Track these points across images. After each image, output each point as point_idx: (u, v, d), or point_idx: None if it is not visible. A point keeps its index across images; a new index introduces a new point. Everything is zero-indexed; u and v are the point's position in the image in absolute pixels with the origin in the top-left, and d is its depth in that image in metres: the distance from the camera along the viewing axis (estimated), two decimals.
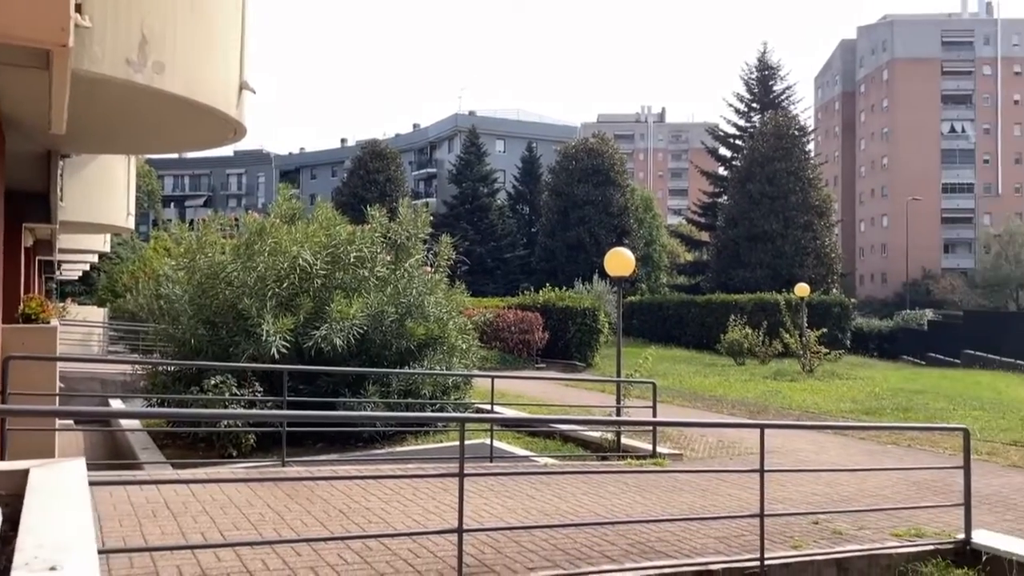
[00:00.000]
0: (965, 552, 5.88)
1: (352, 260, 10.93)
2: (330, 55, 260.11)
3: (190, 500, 6.22)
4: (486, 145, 58.80)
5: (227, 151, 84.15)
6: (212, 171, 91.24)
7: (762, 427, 5.63)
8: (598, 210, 42.77)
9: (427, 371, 10.61)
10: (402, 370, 10.44)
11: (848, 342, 31.86)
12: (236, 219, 14.01)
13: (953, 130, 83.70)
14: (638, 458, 9.23)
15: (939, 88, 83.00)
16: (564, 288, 28.17)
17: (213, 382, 9.49)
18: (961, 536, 5.99)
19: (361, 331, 10.30)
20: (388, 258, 11.51)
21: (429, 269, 11.89)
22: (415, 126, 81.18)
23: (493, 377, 10.74)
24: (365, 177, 51.26)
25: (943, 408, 14.78)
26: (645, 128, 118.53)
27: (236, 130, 6.95)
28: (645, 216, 51.32)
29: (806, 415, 14.19)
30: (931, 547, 5.88)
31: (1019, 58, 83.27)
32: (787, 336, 23.79)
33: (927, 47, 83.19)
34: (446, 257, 12.17)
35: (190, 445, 9.80)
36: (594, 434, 10.24)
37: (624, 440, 9.99)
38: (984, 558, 5.71)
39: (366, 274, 10.98)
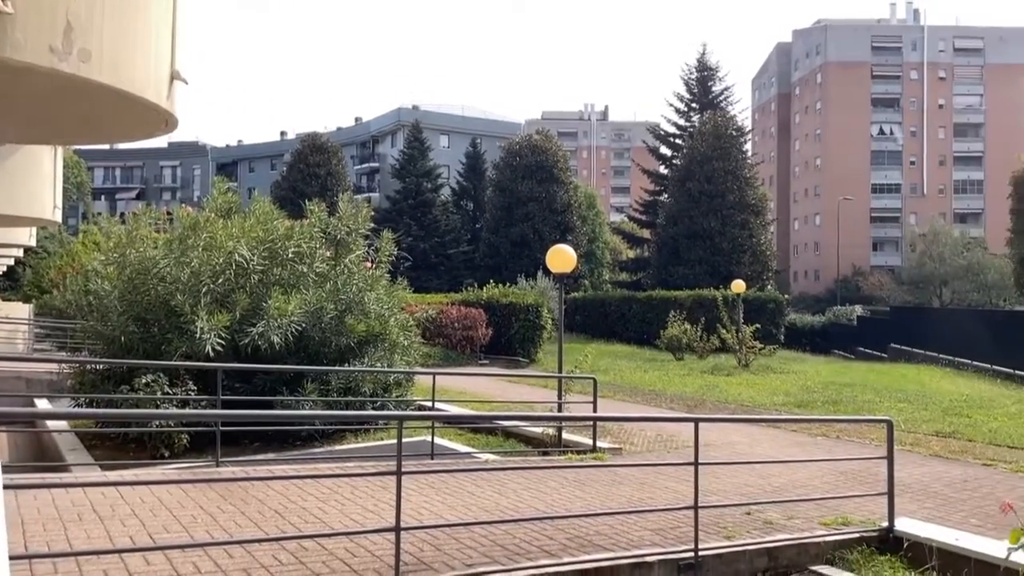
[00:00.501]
0: (889, 539, 6.12)
1: (290, 256, 10.73)
2: (271, 45, 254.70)
3: (119, 503, 6.03)
4: (430, 140, 58.43)
5: (161, 142, 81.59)
6: (145, 163, 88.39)
7: (696, 421, 5.76)
8: (542, 207, 42.98)
9: (367, 368, 10.51)
10: (342, 368, 10.31)
11: (782, 337, 32.80)
12: (169, 213, 13.61)
13: (882, 132, 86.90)
14: (579, 453, 9.33)
15: (869, 91, 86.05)
16: (508, 284, 28.25)
17: (144, 381, 9.20)
18: (885, 524, 6.23)
19: (299, 328, 10.12)
20: (328, 254, 11.34)
21: (370, 265, 11.77)
22: (357, 120, 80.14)
23: (435, 374, 10.70)
24: (305, 171, 50.36)
25: (870, 400, 15.35)
26: (588, 126, 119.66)
27: (168, 121, 6.72)
28: (588, 213, 51.78)
29: (741, 408, 14.56)
30: (857, 535, 6.10)
31: (944, 64, 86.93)
32: (724, 331, 24.37)
33: (858, 52, 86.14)
34: (388, 253, 12.06)
35: (120, 446, 9.49)
36: (536, 430, 10.31)
37: (565, 435, 10.09)
38: (906, 544, 5.95)
39: (305, 270, 10.80)
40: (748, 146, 48.36)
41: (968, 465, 9.36)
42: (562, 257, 10.41)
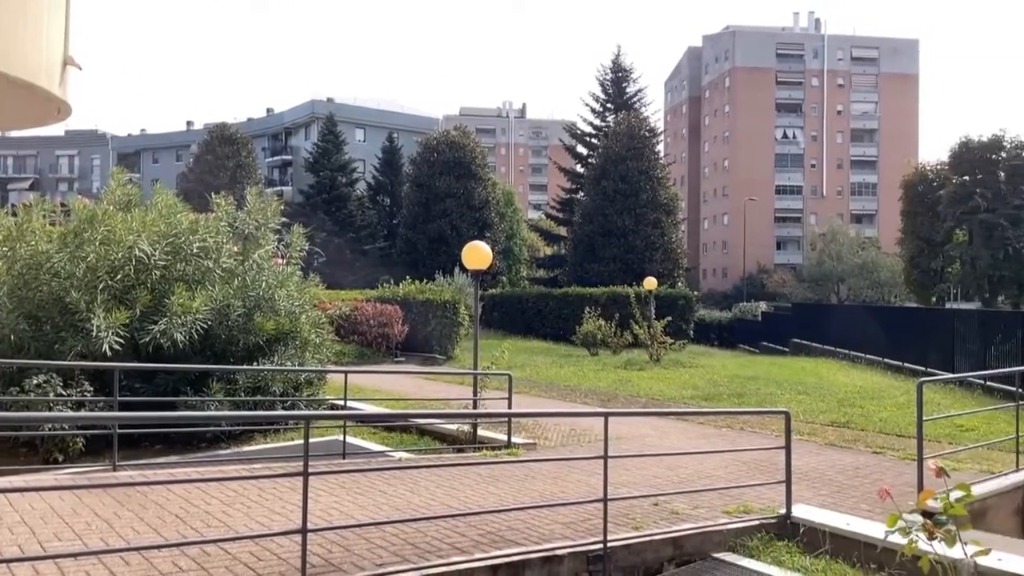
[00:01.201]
0: (786, 525, 6.41)
1: (195, 251, 10.34)
2: (177, 31, 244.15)
3: (6, 510, 5.68)
4: (345, 134, 57.39)
5: (57, 130, 77.11)
6: (39, 152, 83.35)
7: (606, 416, 5.88)
8: (460, 203, 42.89)
9: (276, 367, 10.25)
10: (249, 367, 10.02)
11: (691, 332, 33.81)
12: (64, 204, 12.89)
13: (785, 136, 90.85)
14: (493, 449, 9.37)
15: (774, 96, 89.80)
16: (425, 281, 28.07)
17: (36, 382, 8.70)
18: (783, 511, 6.52)
19: (205, 326, 9.77)
20: (235, 249, 10.99)
21: (280, 261, 11.48)
22: (269, 111, 77.89)
23: (347, 372, 10.52)
24: (213, 163, 48.63)
25: (772, 393, 16.03)
26: (507, 123, 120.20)
27: (60, 109, 6.37)
28: (507, 210, 52.01)
29: (652, 402, 14.95)
30: (757, 522, 6.36)
31: (842, 71, 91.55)
32: (637, 327, 24.94)
33: (764, 58, 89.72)
34: (299, 248, 11.79)
35: (10, 451, 8.95)
36: (451, 427, 10.29)
37: (481, 432, 10.11)
38: (802, 530, 6.25)
39: (211, 265, 10.43)
40: (660, 147, 49.60)
41: (860, 453, 9.90)
42: (478, 254, 10.43)
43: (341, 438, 9.00)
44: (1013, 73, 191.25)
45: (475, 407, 10.06)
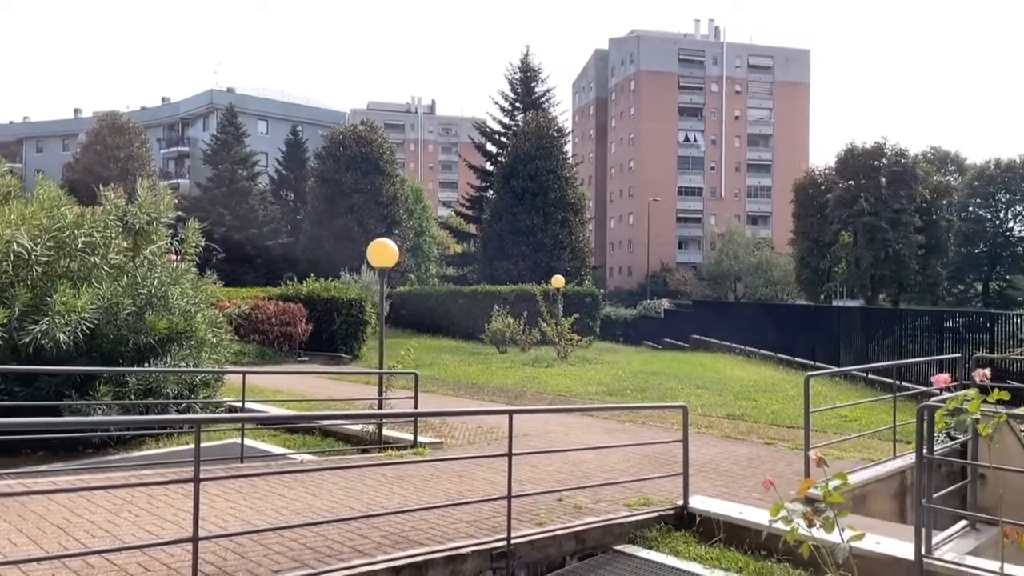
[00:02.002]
0: (683, 516, 6.61)
1: (81, 246, 9.75)
2: (65, 15, 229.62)
3: None
4: (246, 125, 55.48)
5: None
6: None
7: (510, 413, 5.90)
8: (367, 199, 42.24)
9: (169, 369, 9.79)
10: (140, 368, 9.54)
11: (598, 329, 34.52)
12: None
13: (687, 139, 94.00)
14: (399, 449, 9.27)
15: (676, 101, 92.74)
16: (331, 278, 27.49)
17: None
18: (680, 502, 6.73)
19: (91, 325, 9.23)
20: (125, 244, 10.43)
21: (174, 257, 10.98)
22: (164, 100, 74.48)
23: (245, 373, 10.17)
24: (103, 153, 46.11)
25: (673, 388, 16.54)
26: (416, 119, 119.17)
27: None
28: (416, 207, 51.60)
29: (559, 399, 15.16)
30: (656, 514, 6.54)
31: (740, 79, 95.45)
32: (545, 325, 25.24)
33: (667, 62, 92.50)
34: (194, 244, 11.30)
35: None
36: (355, 428, 10.11)
37: (386, 432, 9.97)
38: (698, 520, 6.47)
39: (97, 262, 9.86)
40: (569, 147, 50.38)
41: (753, 444, 10.34)
42: (384, 251, 10.28)
43: (239, 441, 8.69)
44: (893, 84, 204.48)
45: (380, 407, 9.92)
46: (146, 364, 9.80)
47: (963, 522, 6.32)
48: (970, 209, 66.15)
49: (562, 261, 39.25)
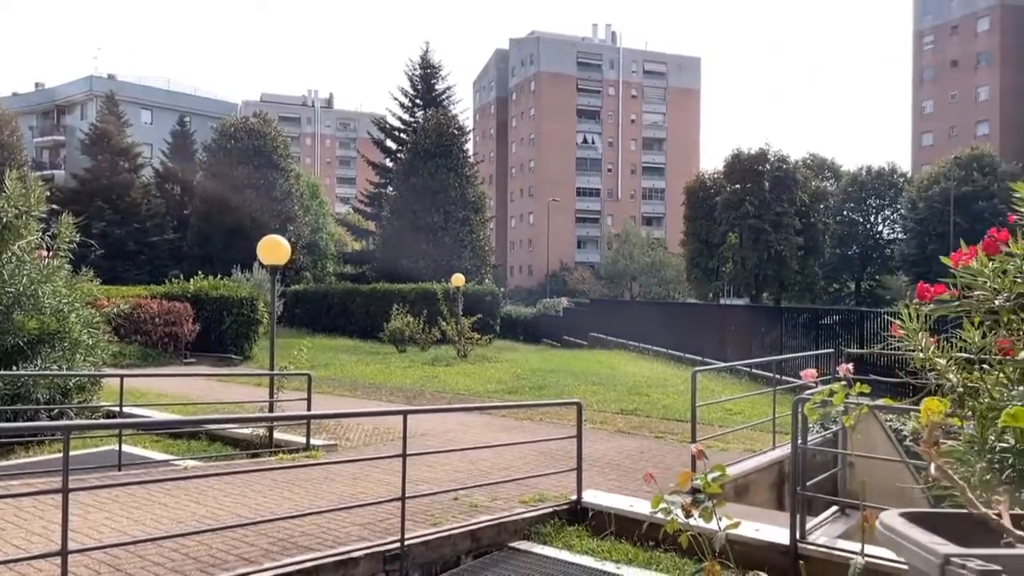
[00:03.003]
0: (577, 510, 6.74)
1: None
2: None
3: None
4: (129, 115, 52.50)
5: None
6: None
7: (405, 413, 5.85)
8: (260, 194, 40.83)
9: (40, 372, 9.14)
10: (7, 372, 8.86)
11: (498, 328, 34.70)
12: None
13: (585, 141, 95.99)
14: (291, 452, 9.00)
15: (575, 103, 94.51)
16: (221, 276, 26.40)
17: None
18: (574, 497, 6.86)
19: None
20: None
21: (46, 253, 10.25)
22: (38, 85, 69.52)
23: (123, 376, 9.62)
24: None
25: (570, 385, 16.83)
26: (312, 112, 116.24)
27: None
28: (312, 203, 50.26)
29: (458, 398, 15.13)
30: (550, 509, 6.64)
31: (635, 83, 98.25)
32: (445, 324, 25.16)
33: (566, 65, 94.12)
34: (68, 239, 10.59)
35: None
36: (245, 431, 9.75)
37: (278, 435, 9.67)
38: (591, 514, 6.61)
39: None
40: (469, 145, 50.36)
41: (645, 439, 10.66)
42: (275, 248, 9.96)
43: (117, 448, 8.21)
44: (777, 93, 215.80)
45: (272, 409, 9.61)
46: (14, 367, 9.11)
47: (834, 508, 6.73)
48: (844, 213, 70.55)
49: (463, 260, 39.22)
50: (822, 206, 61.14)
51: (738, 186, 57.56)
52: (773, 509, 8.05)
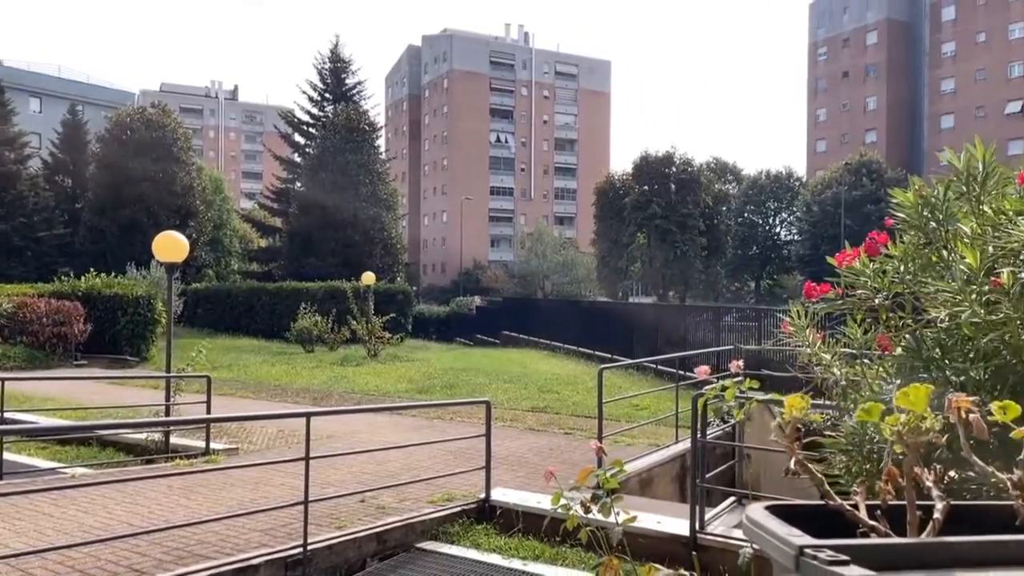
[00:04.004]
0: (485, 509, 6.75)
1: None
2: None
3: None
4: (15, 102, 49.08)
5: None
6: None
7: (308, 415, 5.71)
8: (158, 188, 39.01)
9: None
10: None
11: (410, 327, 34.40)
12: None
13: (499, 140, 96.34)
14: (189, 458, 8.65)
15: (488, 102, 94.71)
16: (116, 274, 25.10)
17: None
18: (483, 495, 6.86)
19: None
20: None
21: None
22: None
23: (4, 379, 9.00)
24: None
25: (482, 383, 16.86)
26: (216, 104, 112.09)
27: None
28: (215, 198, 48.43)
29: (367, 398, 14.91)
30: (459, 509, 6.62)
31: (547, 84, 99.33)
32: (355, 323, 24.74)
33: (479, 63, 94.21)
34: None
35: None
36: (139, 436, 9.31)
37: (175, 440, 9.28)
38: (499, 512, 6.64)
39: None
40: (381, 141, 49.69)
41: (554, 435, 10.79)
42: (171, 244, 9.53)
43: None
44: (683, 98, 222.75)
45: (168, 413, 9.20)
46: None
47: (731, 499, 6.99)
48: (745, 215, 73.52)
49: (374, 258, 38.68)
50: (724, 208, 63.56)
51: (646, 187, 59.11)
52: (676, 501, 8.29)
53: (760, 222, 74.74)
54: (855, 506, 1.10)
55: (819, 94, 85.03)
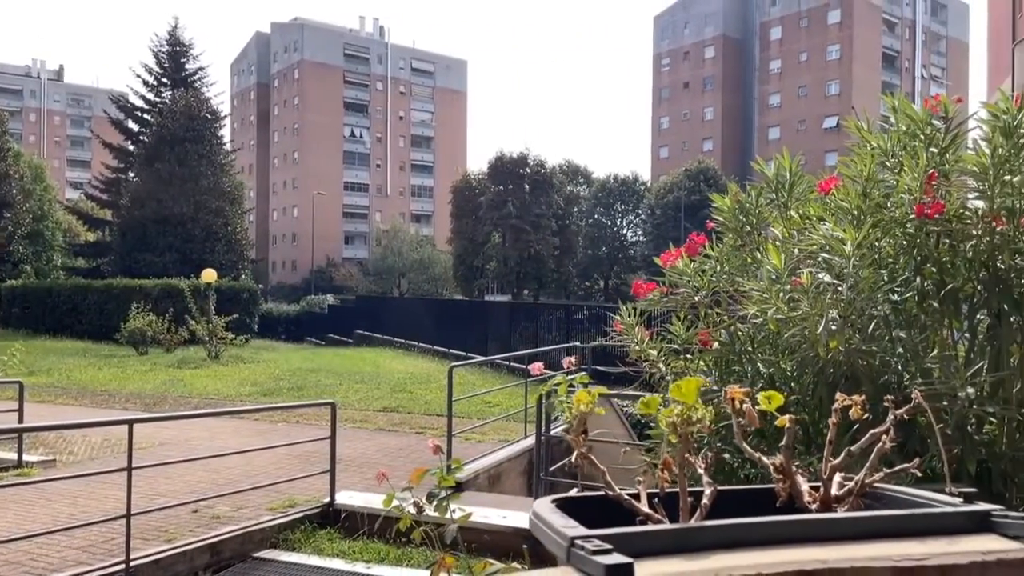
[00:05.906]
0: (329, 513, 6.59)
1: None
2: None
3: None
4: None
5: None
6: None
7: (130, 423, 5.30)
8: None
9: None
10: None
11: (256, 326, 32.95)
12: None
13: (353, 135, 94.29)
14: None
15: (342, 95, 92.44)
16: None
17: None
18: (327, 499, 6.69)
19: None
20: None
21: None
22: None
23: None
24: None
25: (332, 384, 16.44)
26: (38, 85, 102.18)
27: None
28: (35, 187, 44.10)
29: (206, 402, 14.13)
30: (301, 514, 6.42)
31: (404, 80, 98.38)
32: (194, 323, 23.36)
33: (332, 55, 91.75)
34: None
35: None
36: None
37: None
38: (343, 515, 6.49)
39: None
40: (226, 131, 47.23)
41: (406, 435, 10.71)
42: None
43: None
44: (537, 102, 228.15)
45: None
46: None
47: (575, 490, 7.23)
48: (595, 216, 76.29)
49: (216, 254, 36.67)
50: (576, 209, 65.66)
51: (501, 187, 59.97)
52: (524, 495, 8.47)
53: (609, 223, 77.83)
54: (636, 495, 1.16)
55: (662, 103, 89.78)
